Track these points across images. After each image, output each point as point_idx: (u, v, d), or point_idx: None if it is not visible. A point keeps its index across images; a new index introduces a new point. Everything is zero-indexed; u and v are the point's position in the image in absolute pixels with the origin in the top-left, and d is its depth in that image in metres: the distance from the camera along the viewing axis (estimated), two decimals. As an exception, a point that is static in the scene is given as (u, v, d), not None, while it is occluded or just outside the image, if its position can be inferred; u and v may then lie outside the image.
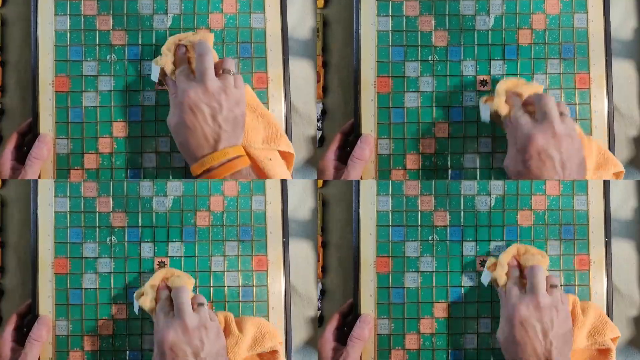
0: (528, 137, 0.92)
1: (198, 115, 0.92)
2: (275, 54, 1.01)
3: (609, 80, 1.00)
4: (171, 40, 0.97)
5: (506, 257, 0.97)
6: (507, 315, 0.93)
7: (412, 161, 1.01)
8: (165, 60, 0.96)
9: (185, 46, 0.96)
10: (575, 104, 1.00)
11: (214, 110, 0.92)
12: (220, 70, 0.95)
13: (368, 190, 1.00)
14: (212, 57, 0.95)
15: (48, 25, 1.00)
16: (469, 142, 1.00)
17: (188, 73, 0.95)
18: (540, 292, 0.92)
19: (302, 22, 1.04)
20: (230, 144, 0.93)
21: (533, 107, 0.94)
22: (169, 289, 0.95)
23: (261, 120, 0.98)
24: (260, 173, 0.96)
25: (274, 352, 0.98)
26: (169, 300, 0.94)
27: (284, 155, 1.00)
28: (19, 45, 1.04)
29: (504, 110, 0.95)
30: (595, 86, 1.00)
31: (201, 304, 0.93)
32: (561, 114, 0.93)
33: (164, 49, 0.97)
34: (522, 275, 0.95)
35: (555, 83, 1.01)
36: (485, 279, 0.98)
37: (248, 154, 0.96)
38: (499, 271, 0.96)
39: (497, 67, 1.01)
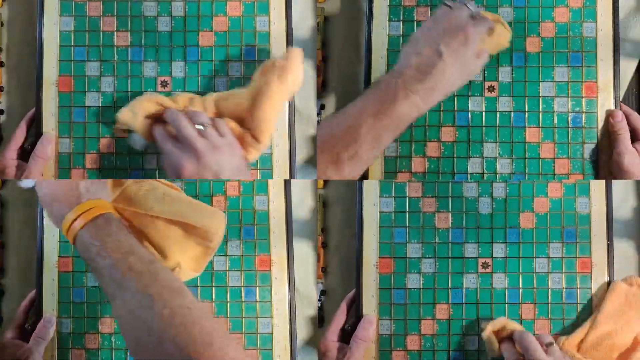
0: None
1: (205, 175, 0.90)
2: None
3: (616, 89, 1.01)
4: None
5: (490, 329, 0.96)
6: None
7: (418, 164, 1.01)
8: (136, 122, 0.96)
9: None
10: (582, 112, 1.00)
11: (216, 173, 0.90)
12: (195, 125, 0.92)
13: (371, 191, 1.01)
14: (186, 120, 0.91)
15: (53, 25, 1.00)
16: (475, 147, 1.01)
17: (169, 137, 0.92)
18: (539, 356, 0.91)
19: (303, 22, 1.04)
20: None
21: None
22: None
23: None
24: None
25: None
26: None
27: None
28: (19, 45, 1.04)
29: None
30: (603, 94, 1.01)
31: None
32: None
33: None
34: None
35: (562, 91, 1.01)
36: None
37: None
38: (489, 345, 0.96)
39: (504, 73, 1.01)
